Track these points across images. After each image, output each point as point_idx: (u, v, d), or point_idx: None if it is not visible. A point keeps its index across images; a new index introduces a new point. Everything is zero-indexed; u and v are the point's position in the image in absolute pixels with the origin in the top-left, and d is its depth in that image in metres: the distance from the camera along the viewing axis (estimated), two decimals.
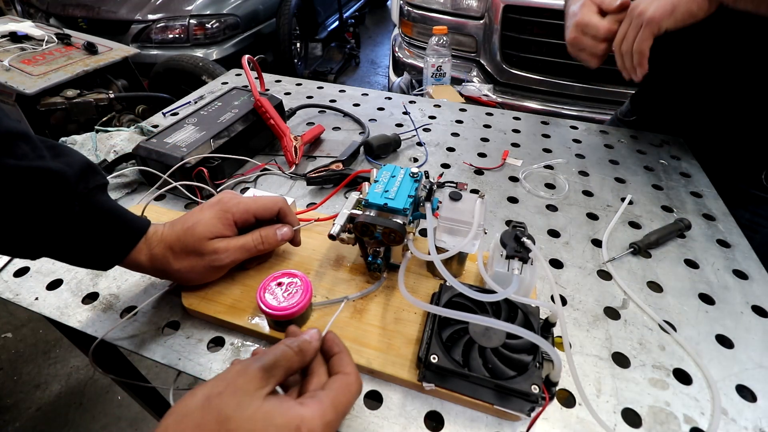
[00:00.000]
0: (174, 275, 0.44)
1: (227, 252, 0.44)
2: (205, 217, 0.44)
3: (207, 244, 0.43)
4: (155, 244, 0.43)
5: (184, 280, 0.45)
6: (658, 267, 0.54)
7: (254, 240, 0.46)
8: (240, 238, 0.45)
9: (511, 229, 0.46)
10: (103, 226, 0.40)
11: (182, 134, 0.66)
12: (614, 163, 0.75)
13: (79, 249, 0.40)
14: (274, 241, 0.47)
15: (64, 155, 0.39)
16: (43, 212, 0.36)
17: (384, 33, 4.43)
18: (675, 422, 0.38)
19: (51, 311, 0.47)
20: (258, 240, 0.46)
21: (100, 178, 0.41)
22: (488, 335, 0.39)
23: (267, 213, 0.47)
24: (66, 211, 0.37)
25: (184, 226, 0.44)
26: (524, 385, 0.36)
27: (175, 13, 2.45)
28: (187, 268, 0.43)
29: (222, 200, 0.46)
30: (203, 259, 0.43)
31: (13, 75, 1.62)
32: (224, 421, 0.25)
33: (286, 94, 0.96)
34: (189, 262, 0.43)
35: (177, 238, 0.43)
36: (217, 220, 0.44)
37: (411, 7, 1.76)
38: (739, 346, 0.45)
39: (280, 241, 0.47)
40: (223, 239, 0.44)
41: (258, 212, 0.46)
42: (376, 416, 0.38)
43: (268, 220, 0.48)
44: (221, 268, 0.45)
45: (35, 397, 1.36)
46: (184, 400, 0.27)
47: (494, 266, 0.44)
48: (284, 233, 0.47)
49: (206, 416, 0.25)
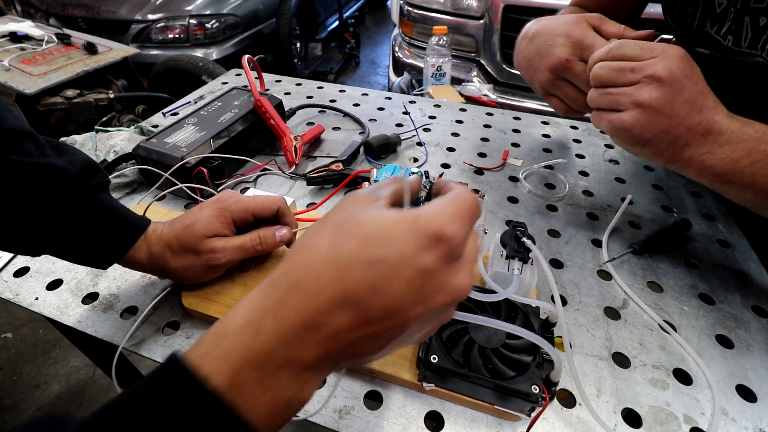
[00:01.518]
0: (171, 273, 0.44)
1: (224, 251, 0.44)
2: (204, 215, 0.44)
3: (204, 243, 0.43)
4: (154, 242, 0.43)
5: (182, 279, 0.45)
6: (658, 267, 0.54)
7: (252, 240, 0.45)
8: (238, 238, 0.45)
9: (511, 229, 0.46)
10: (102, 223, 0.40)
11: (182, 134, 0.66)
12: (614, 163, 0.75)
13: (79, 245, 0.40)
14: (272, 242, 0.46)
15: (68, 154, 0.40)
16: (44, 207, 0.37)
17: (384, 33, 4.43)
18: (675, 422, 0.38)
19: (51, 311, 0.47)
20: (256, 240, 0.46)
21: (102, 177, 0.42)
22: (488, 335, 0.39)
23: (266, 212, 0.47)
24: (67, 206, 0.38)
25: (183, 224, 0.44)
26: (524, 385, 0.36)
27: (175, 13, 2.45)
28: (184, 267, 0.43)
29: (221, 199, 0.46)
30: (200, 258, 0.43)
31: (13, 75, 1.62)
32: (337, 227, 0.24)
33: (286, 94, 0.96)
34: (186, 261, 0.43)
35: (176, 236, 0.43)
36: (215, 218, 0.44)
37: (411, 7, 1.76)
38: (739, 346, 0.45)
39: (279, 243, 0.47)
40: (221, 238, 0.44)
41: (257, 211, 0.46)
42: (376, 416, 0.38)
43: (267, 219, 0.48)
44: (218, 267, 0.45)
45: (35, 397, 1.36)
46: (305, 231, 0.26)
47: (494, 266, 0.44)
48: (283, 235, 0.47)
49: (320, 229, 0.25)
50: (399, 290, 0.22)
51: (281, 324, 0.22)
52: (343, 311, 0.22)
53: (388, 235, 0.23)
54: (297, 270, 0.23)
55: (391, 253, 0.22)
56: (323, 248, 0.23)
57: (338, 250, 0.23)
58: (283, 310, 0.22)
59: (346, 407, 0.39)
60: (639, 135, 0.42)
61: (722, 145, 0.41)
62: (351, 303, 0.22)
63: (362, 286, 0.22)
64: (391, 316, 0.22)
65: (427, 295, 0.23)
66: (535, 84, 0.56)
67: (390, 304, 0.22)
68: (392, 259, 0.22)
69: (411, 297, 0.22)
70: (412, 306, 0.23)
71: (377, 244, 0.23)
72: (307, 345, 0.22)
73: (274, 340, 0.22)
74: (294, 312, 0.22)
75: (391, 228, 0.23)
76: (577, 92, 0.52)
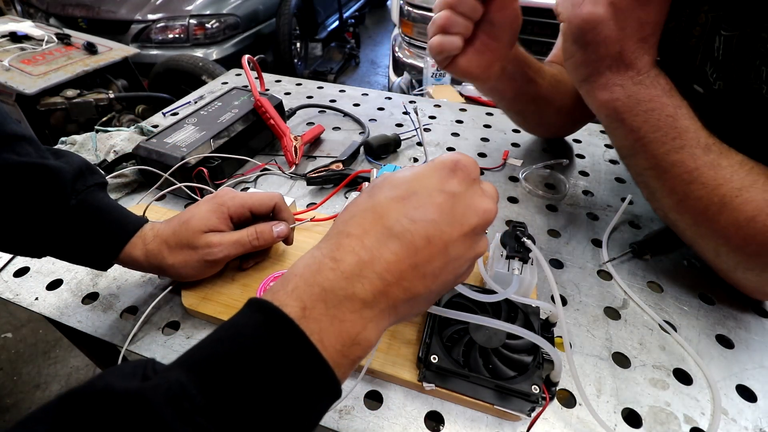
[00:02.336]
0: (168, 270, 0.44)
1: (221, 246, 0.44)
2: (201, 211, 0.44)
3: (200, 238, 0.43)
4: (150, 239, 0.43)
5: (180, 276, 0.45)
6: (658, 267, 0.54)
7: (249, 235, 0.45)
8: (234, 233, 0.45)
9: (511, 229, 0.46)
10: (97, 221, 0.41)
11: (182, 134, 0.66)
12: (614, 163, 0.75)
13: (75, 245, 0.41)
14: (269, 237, 0.46)
15: (65, 157, 0.41)
16: (41, 206, 0.38)
17: (384, 33, 4.43)
18: (675, 422, 0.38)
19: (51, 311, 0.47)
20: (253, 235, 0.45)
21: (98, 177, 0.43)
22: (488, 335, 0.39)
23: (263, 208, 0.47)
24: (62, 205, 0.38)
25: (180, 221, 0.44)
26: (524, 385, 0.36)
27: (175, 13, 2.45)
28: (181, 263, 0.43)
29: (218, 195, 0.46)
30: (197, 253, 0.43)
31: (13, 75, 1.62)
32: (372, 187, 0.29)
33: (286, 94, 0.96)
34: (183, 257, 0.43)
35: (172, 232, 0.43)
36: (211, 213, 0.44)
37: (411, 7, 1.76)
38: (739, 346, 0.45)
39: (276, 238, 0.47)
40: (217, 233, 0.44)
41: (254, 207, 0.46)
42: (376, 416, 0.38)
43: (265, 216, 0.48)
44: (215, 263, 0.45)
45: (35, 397, 1.36)
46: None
47: (494, 266, 0.44)
48: (280, 230, 0.47)
49: (359, 197, 0.29)
50: (434, 215, 0.26)
51: (338, 263, 0.25)
52: (391, 243, 0.25)
53: (414, 176, 0.28)
54: (343, 222, 0.28)
55: (420, 187, 0.27)
56: (362, 201, 0.28)
57: (375, 198, 0.27)
58: (339, 252, 0.26)
59: (346, 407, 0.39)
60: (593, 30, 0.43)
61: (636, 84, 0.44)
62: (395, 235, 0.26)
63: (402, 219, 0.26)
64: (432, 240, 0.26)
65: (459, 216, 0.27)
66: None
67: (428, 228, 0.26)
68: (423, 191, 0.27)
69: (445, 219, 0.26)
70: (448, 228, 0.26)
71: (407, 185, 0.27)
72: (364, 279, 0.25)
73: (333, 276, 0.25)
74: (348, 252, 0.25)
75: (416, 171, 0.28)
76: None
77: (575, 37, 0.45)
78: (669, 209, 0.47)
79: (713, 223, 0.43)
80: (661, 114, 0.43)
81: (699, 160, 0.42)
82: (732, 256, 0.45)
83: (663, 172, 0.45)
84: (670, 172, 0.44)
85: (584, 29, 0.44)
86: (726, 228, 0.42)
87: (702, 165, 0.42)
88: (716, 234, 0.44)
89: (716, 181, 0.42)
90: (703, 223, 0.44)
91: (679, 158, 0.43)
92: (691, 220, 0.45)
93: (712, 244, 0.46)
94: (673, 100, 0.43)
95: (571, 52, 0.47)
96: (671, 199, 0.46)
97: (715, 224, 0.43)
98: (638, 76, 0.44)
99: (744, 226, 0.41)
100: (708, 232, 0.45)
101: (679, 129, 0.43)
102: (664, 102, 0.43)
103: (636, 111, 0.44)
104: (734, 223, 0.41)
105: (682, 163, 0.43)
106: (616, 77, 0.45)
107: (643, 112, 0.44)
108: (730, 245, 0.44)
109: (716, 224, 0.43)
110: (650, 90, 0.43)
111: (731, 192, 0.41)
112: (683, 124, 0.43)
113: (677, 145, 0.43)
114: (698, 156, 0.42)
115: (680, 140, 0.43)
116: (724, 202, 0.41)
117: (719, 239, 0.44)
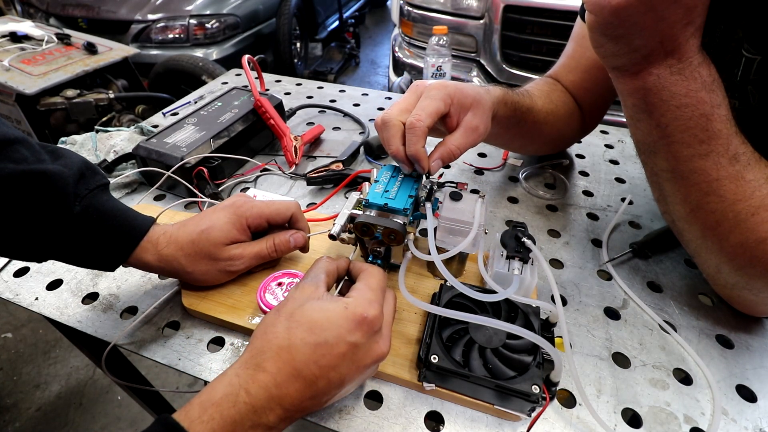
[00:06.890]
0: (185, 276, 0.44)
1: (242, 259, 0.45)
2: (220, 221, 0.44)
3: (223, 250, 0.44)
4: (164, 244, 0.43)
5: (195, 281, 0.45)
6: (658, 267, 0.54)
7: (268, 248, 0.47)
8: (254, 245, 0.46)
9: (511, 229, 0.46)
10: (104, 226, 0.40)
11: (182, 134, 0.66)
12: (614, 163, 0.75)
13: (82, 250, 0.40)
14: (287, 249, 0.48)
15: (63, 158, 0.39)
16: (44, 214, 0.36)
17: (384, 33, 4.43)
18: (675, 422, 0.38)
19: (51, 311, 0.47)
20: (272, 248, 0.47)
21: (100, 178, 0.42)
22: (488, 335, 0.39)
23: (280, 218, 0.48)
24: (66, 212, 0.37)
25: (197, 229, 0.44)
26: (524, 385, 0.36)
27: (175, 13, 2.45)
28: (202, 272, 0.44)
29: (235, 204, 0.46)
30: (218, 264, 0.44)
31: (13, 75, 1.62)
32: (289, 317, 0.33)
33: (286, 94, 0.96)
34: (204, 266, 0.44)
35: (190, 240, 0.43)
36: (231, 225, 0.45)
37: (411, 7, 1.76)
38: (739, 347, 0.45)
39: (293, 248, 0.48)
40: (239, 246, 0.45)
41: (271, 217, 0.47)
42: (376, 416, 0.38)
43: (280, 224, 0.48)
44: (234, 273, 0.46)
45: (35, 397, 1.36)
46: (264, 317, 0.35)
47: (494, 266, 0.44)
48: (297, 240, 0.48)
49: (276, 318, 0.34)
50: (336, 362, 0.32)
51: (252, 398, 0.30)
52: (297, 382, 0.31)
53: (326, 321, 0.33)
54: (261, 353, 0.32)
55: (329, 336, 0.32)
56: (280, 335, 0.32)
57: (291, 337, 0.32)
58: (253, 386, 0.30)
59: (346, 407, 0.39)
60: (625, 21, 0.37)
61: (673, 74, 0.38)
62: (302, 377, 0.31)
63: (311, 365, 0.31)
64: (331, 380, 0.32)
65: (358, 361, 0.33)
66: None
67: (330, 373, 0.32)
68: (332, 339, 0.32)
69: (345, 364, 0.32)
70: (346, 370, 0.32)
71: (319, 329, 0.32)
72: (270, 412, 0.30)
73: (245, 410, 0.29)
74: (261, 388, 0.30)
75: (329, 316, 0.33)
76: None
77: (604, 29, 0.39)
78: (679, 217, 0.44)
79: (722, 240, 0.40)
80: (695, 112, 0.38)
81: (723, 170, 0.38)
82: (733, 275, 0.42)
83: (681, 178, 0.41)
84: (689, 179, 0.40)
85: (614, 22, 0.37)
86: (734, 247, 0.40)
87: (724, 176, 0.38)
88: (722, 251, 0.41)
89: (736, 195, 0.38)
90: (711, 237, 0.42)
91: (702, 166, 0.39)
92: (700, 233, 0.43)
93: (715, 260, 0.43)
94: (713, 96, 0.38)
95: (600, 43, 0.41)
96: (683, 208, 0.43)
97: (724, 242, 0.40)
98: (678, 64, 0.38)
99: (752, 248, 0.39)
100: (714, 248, 0.42)
101: (710, 132, 0.38)
102: (701, 98, 0.38)
103: (668, 105, 0.39)
104: (743, 243, 0.39)
105: (703, 172, 0.39)
106: (652, 66, 0.39)
107: (675, 107, 0.38)
108: (733, 264, 0.41)
109: (725, 242, 0.40)
110: (688, 82, 0.38)
111: (748, 209, 0.38)
112: (716, 127, 0.38)
113: (703, 150, 0.39)
114: (723, 166, 0.38)
115: (708, 145, 0.38)
116: (739, 219, 0.38)
117: (724, 257, 0.42)
